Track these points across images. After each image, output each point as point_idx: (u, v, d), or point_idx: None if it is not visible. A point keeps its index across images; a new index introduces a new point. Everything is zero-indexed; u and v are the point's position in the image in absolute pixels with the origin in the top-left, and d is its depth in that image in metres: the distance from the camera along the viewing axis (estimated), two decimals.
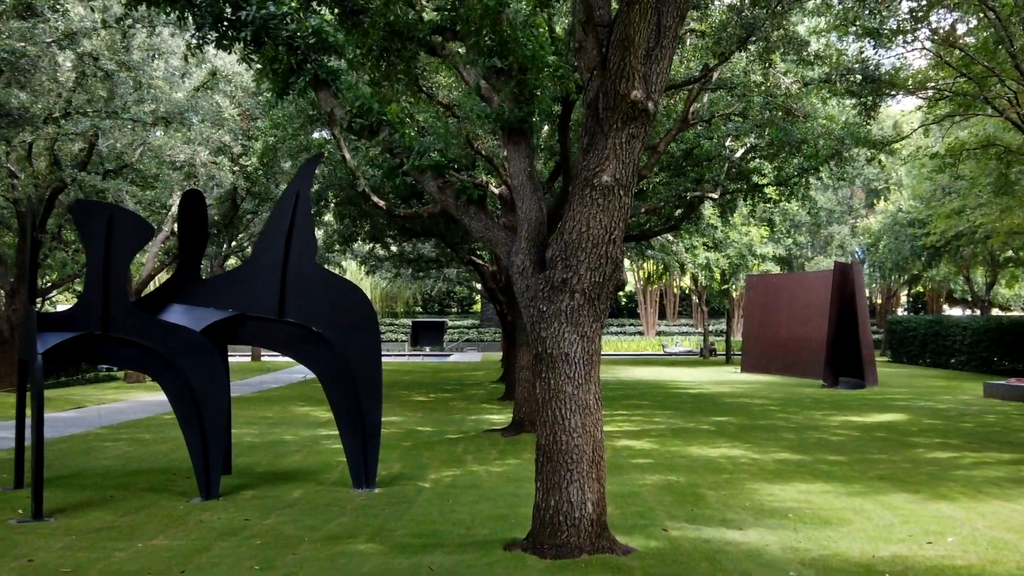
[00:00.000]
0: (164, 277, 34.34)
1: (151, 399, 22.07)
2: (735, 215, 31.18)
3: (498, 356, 39.64)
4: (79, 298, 10.42)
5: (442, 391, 25.73)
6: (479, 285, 39.08)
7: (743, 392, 24.95)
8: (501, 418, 17.96)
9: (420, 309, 69.68)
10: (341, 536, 8.24)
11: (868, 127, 19.04)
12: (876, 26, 16.84)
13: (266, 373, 34.04)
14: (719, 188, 18.38)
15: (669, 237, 32.81)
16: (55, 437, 15.14)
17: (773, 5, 12.04)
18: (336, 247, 29.78)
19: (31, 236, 11.84)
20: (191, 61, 22.58)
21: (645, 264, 45.90)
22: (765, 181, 21.13)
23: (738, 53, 14.59)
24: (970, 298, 48.76)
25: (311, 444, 14.48)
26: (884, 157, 22.10)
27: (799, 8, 14.36)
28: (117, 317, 10.02)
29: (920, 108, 22.86)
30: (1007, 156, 22.09)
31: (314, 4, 9.31)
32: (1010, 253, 39.01)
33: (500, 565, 7.12)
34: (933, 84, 20.36)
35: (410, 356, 50.06)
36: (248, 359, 44.76)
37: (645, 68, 6.81)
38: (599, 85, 6.86)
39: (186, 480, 10.93)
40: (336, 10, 9.16)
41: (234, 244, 36.60)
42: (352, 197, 22.15)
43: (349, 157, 13.02)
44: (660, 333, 61.33)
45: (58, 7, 17.64)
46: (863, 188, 46.04)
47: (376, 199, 15.16)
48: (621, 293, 61.82)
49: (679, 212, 22.51)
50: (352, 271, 51.74)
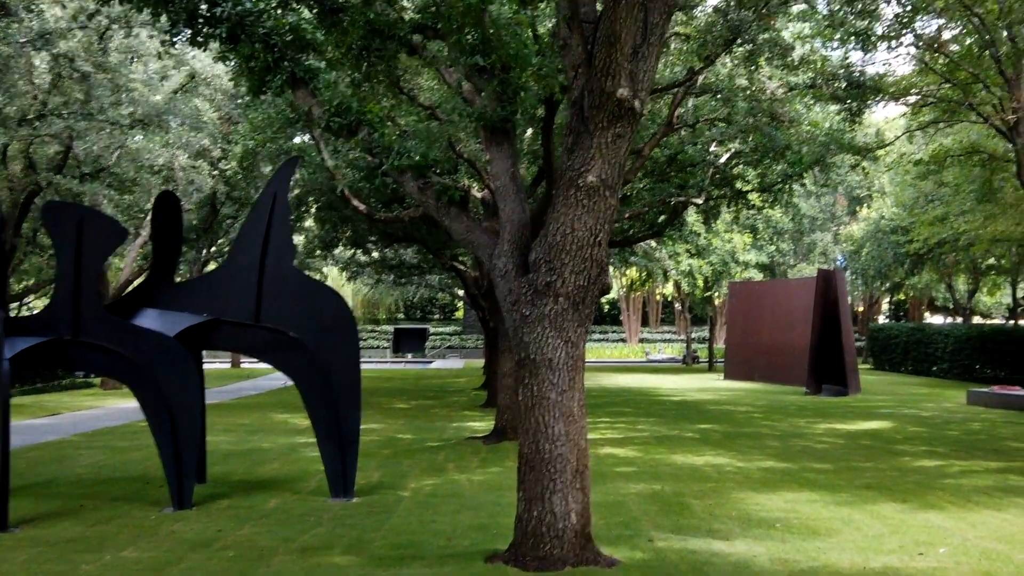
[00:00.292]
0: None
1: (127, 406, 21.69)
2: (718, 222, 31.12)
3: (480, 363, 39.35)
4: (49, 302, 10.12)
5: (423, 398, 25.46)
6: (461, 291, 38.83)
7: (726, 399, 24.80)
8: (483, 425, 17.73)
9: (402, 316, 69.35)
10: (317, 547, 7.99)
11: (852, 133, 18.96)
12: (863, 28, 16.74)
13: (245, 380, 33.66)
14: (703, 193, 18.23)
15: (652, 243, 32.74)
16: (28, 444, 14.81)
17: (760, 6, 11.90)
18: (317, 252, 29.49)
19: (0, 240, 11.56)
20: (166, 60, 22.26)
21: (628, 271, 45.78)
22: (749, 187, 21.03)
23: (723, 57, 14.45)
24: (952, 306, 48.90)
25: (289, 452, 14.21)
26: (868, 164, 22.07)
27: (785, 11, 14.24)
28: (88, 322, 9.74)
29: (904, 115, 22.82)
30: (991, 163, 22.07)
31: (293, 3, 9.09)
32: (992, 261, 39.12)
33: None
34: (917, 90, 20.30)
35: (392, 363, 49.76)
36: (228, 365, 44.32)
37: (632, 66, 6.63)
38: (584, 83, 6.67)
39: (159, 489, 10.63)
40: (315, 8, 8.95)
41: (214, 249, 36.21)
42: (333, 202, 21.87)
43: (328, 157, 12.77)
44: (643, 340, 61.18)
45: (33, 7, 17.34)
46: (845, 195, 46.07)
47: (356, 203, 14.92)
48: (604, 300, 61.69)
49: (663, 218, 22.37)
50: (333, 277, 51.40)
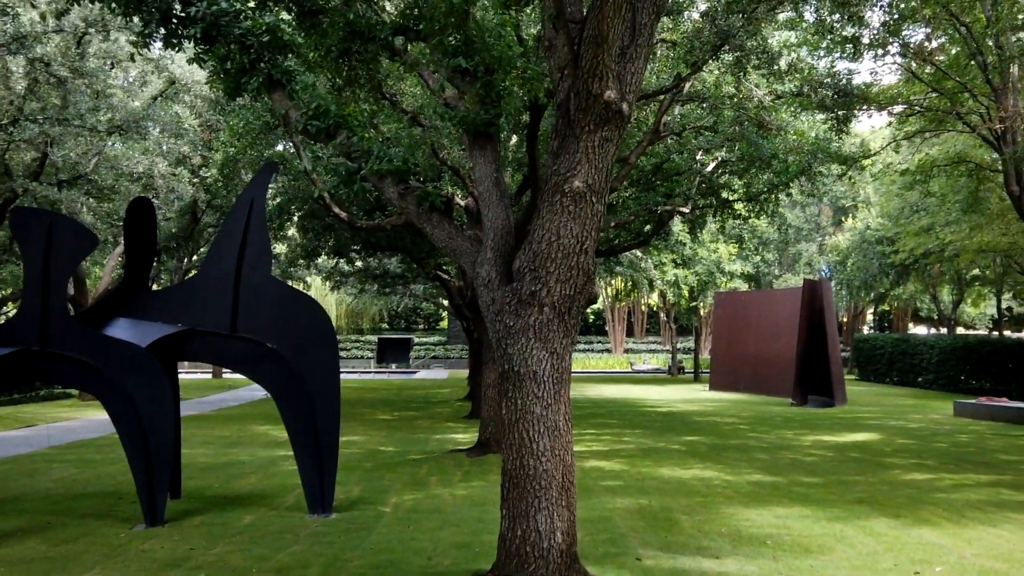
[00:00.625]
0: None
1: (105, 418, 21.26)
2: (704, 232, 30.99)
3: (465, 373, 39.09)
4: (16, 311, 9.78)
5: (407, 409, 25.14)
6: (446, 301, 38.55)
7: (712, 410, 24.58)
8: (467, 437, 17.44)
9: (386, 326, 68.98)
10: (292, 567, 7.68)
11: (839, 142, 18.83)
12: (852, 34, 16.61)
13: (227, 391, 33.23)
14: (690, 202, 18.04)
15: (638, 253, 32.57)
16: None
17: (750, 11, 11.69)
18: (300, 262, 29.15)
19: None
20: (145, 65, 21.91)
21: (613, 281, 45.61)
22: (735, 197, 20.87)
23: (710, 63, 14.26)
24: (936, 316, 48.92)
25: (268, 465, 13.87)
26: (854, 173, 21.95)
27: (773, 18, 14.05)
28: (56, 331, 9.42)
29: (890, 124, 22.73)
30: (978, 172, 21.99)
31: (270, 4, 8.82)
32: (976, 271, 39.15)
33: None
34: (904, 100, 20.20)
35: (376, 373, 49.41)
36: (209, 376, 43.86)
37: (619, 67, 6.39)
38: (570, 85, 6.43)
39: (131, 505, 10.30)
40: (294, 10, 8.69)
41: (195, 259, 35.79)
42: (315, 210, 21.58)
43: (306, 161, 12.47)
44: (628, 351, 61.01)
45: (8, 10, 16.99)
46: (831, 206, 46.09)
47: (337, 210, 14.63)
48: (589, 310, 61.47)
49: (648, 228, 22.18)
50: (316, 287, 51.04)
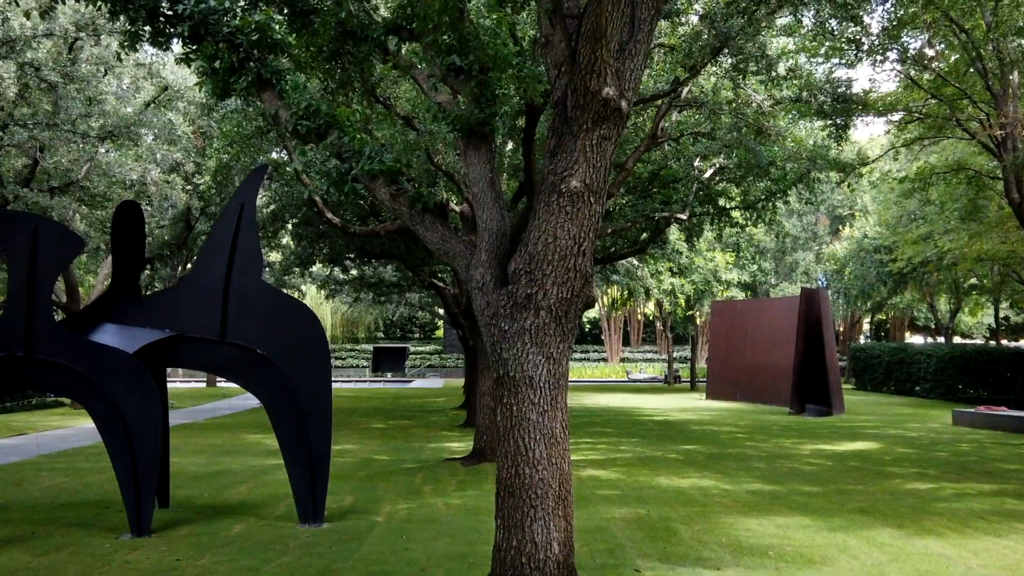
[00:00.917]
0: None
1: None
2: (700, 240, 30.86)
3: (461, 382, 38.89)
4: (0, 317, 9.55)
5: (402, 418, 24.91)
6: (441, 310, 38.37)
7: (710, 419, 24.39)
8: (461, 446, 17.22)
9: (382, 334, 68.71)
10: None
11: (839, 150, 18.70)
12: (855, 34, 16.47)
13: (220, 399, 32.97)
14: (688, 209, 17.87)
15: (634, 262, 32.41)
16: None
17: (751, 11, 11.52)
18: (295, 270, 28.93)
19: None
20: (137, 70, 21.71)
21: (610, 289, 45.44)
22: (732, 205, 20.72)
23: (709, 68, 14.11)
24: (933, 326, 48.79)
25: (259, 474, 13.65)
26: (852, 181, 21.81)
27: (773, 22, 13.87)
28: (42, 337, 9.20)
29: (889, 131, 22.61)
30: (977, 180, 21.84)
31: (261, 3, 8.64)
32: (974, 280, 39.01)
33: None
34: (904, 106, 20.06)
35: (371, 382, 49.19)
36: (203, 384, 43.59)
37: (618, 64, 6.21)
38: (567, 82, 6.25)
39: (118, 514, 10.07)
40: (285, 10, 8.51)
41: (189, 267, 35.55)
42: (309, 217, 21.40)
43: (297, 162, 12.28)
44: (624, 359, 60.82)
45: None
46: (827, 215, 45.99)
47: (330, 215, 14.44)
48: (585, 319, 61.35)
49: (645, 235, 22.02)
50: (312, 295, 50.85)
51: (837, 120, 17.93)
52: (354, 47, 8.39)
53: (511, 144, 16.72)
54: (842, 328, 54.71)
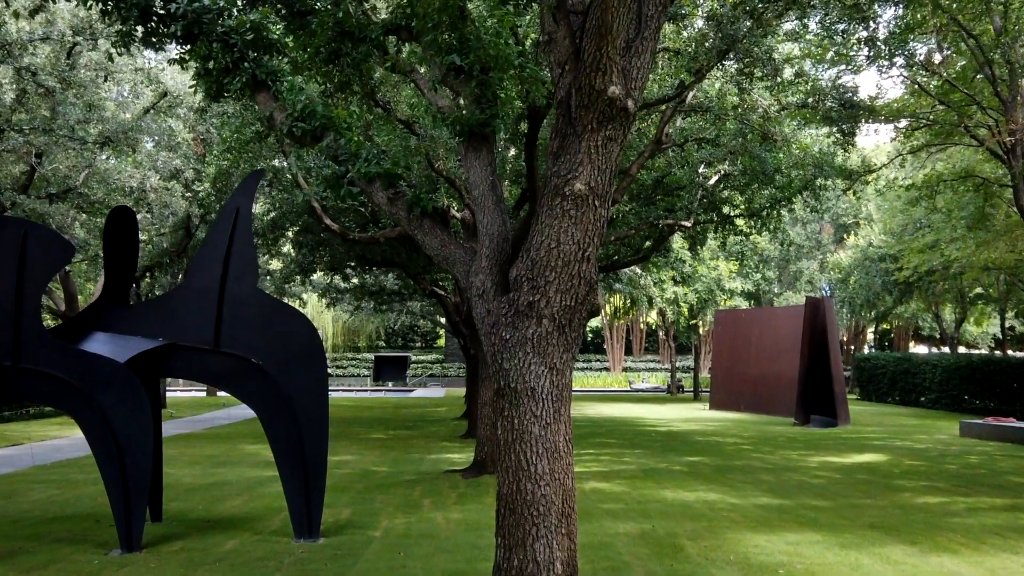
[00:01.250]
0: None
1: None
2: (704, 249, 30.61)
3: (462, 392, 38.62)
4: None
5: (402, 428, 24.63)
6: (443, 319, 38.10)
7: (714, 430, 24.09)
8: (462, 457, 16.94)
9: (383, 343, 68.46)
10: None
11: (847, 155, 18.47)
12: (864, 35, 16.23)
13: (219, 409, 32.68)
14: (692, 216, 17.61)
15: (637, 270, 32.17)
16: None
17: (759, 12, 11.26)
18: (295, 278, 28.67)
19: None
20: (131, 71, 21.46)
21: (612, 298, 45.18)
22: (736, 212, 20.48)
23: (714, 72, 13.86)
24: (939, 335, 48.47)
25: (255, 486, 13.38)
26: (858, 188, 21.56)
27: (780, 24, 13.59)
28: (30, 346, 8.95)
29: (895, 139, 22.35)
30: (985, 187, 21.57)
31: (258, 3, 8.40)
32: (979, 290, 38.71)
33: None
34: (911, 112, 19.80)
35: (372, 391, 48.93)
36: (203, 394, 43.33)
37: (624, 62, 5.96)
38: (571, 81, 6.00)
39: (109, 529, 9.80)
40: (282, 10, 8.28)
41: None
42: (309, 225, 21.15)
43: (293, 164, 12.03)
44: (627, 369, 60.51)
45: None
46: (832, 223, 45.71)
47: (328, 221, 14.19)
48: (587, 328, 61.03)
49: (648, 243, 21.77)
50: (312, 304, 50.62)
51: (843, 126, 17.71)
52: (352, 48, 8.16)
53: (513, 150, 16.48)
54: (846, 338, 54.40)
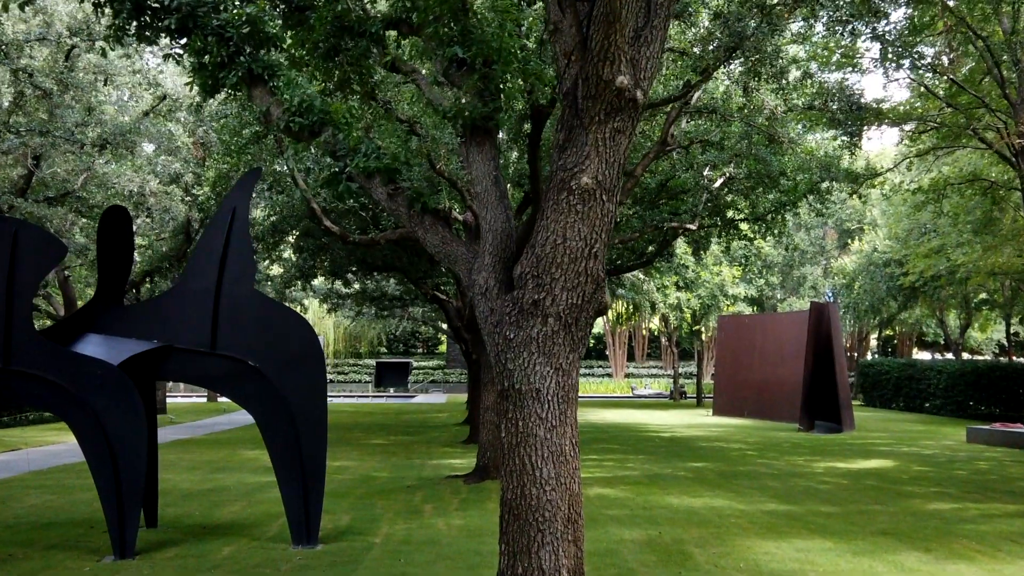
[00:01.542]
0: None
1: None
2: (707, 254, 30.42)
3: (464, 397, 38.39)
4: None
5: (403, 433, 24.40)
6: (444, 325, 37.91)
7: (717, 436, 23.86)
8: (464, 462, 16.71)
9: (384, 349, 68.26)
10: None
11: (853, 159, 18.29)
12: (871, 35, 16.03)
13: (220, 414, 32.47)
14: (697, 220, 17.41)
15: (640, 275, 31.97)
16: None
17: (768, 8, 11.04)
18: (296, 282, 28.46)
19: None
20: (130, 74, 21.28)
21: (615, 303, 44.97)
22: (740, 216, 20.30)
23: (720, 72, 13.66)
24: (943, 341, 48.20)
25: (254, 492, 13.15)
26: (864, 192, 21.37)
27: (788, 22, 13.34)
28: (21, 348, 8.73)
29: (902, 141, 22.15)
30: (993, 191, 21.35)
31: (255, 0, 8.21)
32: (984, 295, 38.44)
33: None
34: (919, 115, 19.59)
35: (373, 397, 48.73)
36: (204, 399, 43.12)
37: (633, 51, 5.75)
38: (578, 71, 5.79)
39: (102, 535, 9.57)
40: (280, 6, 8.09)
41: None
42: (311, 229, 20.95)
43: (290, 159, 11.82)
44: (629, 375, 60.26)
45: None
46: (835, 228, 45.51)
47: (328, 223, 13.99)
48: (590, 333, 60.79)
49: (652, 248, 21.58)
50: (314, 309, 50.44)
51: (850, 129, 17.53)
52: (351, 43, 7.96)
53: (515, 153, 16.28)
54: (849, 344, 54.14)
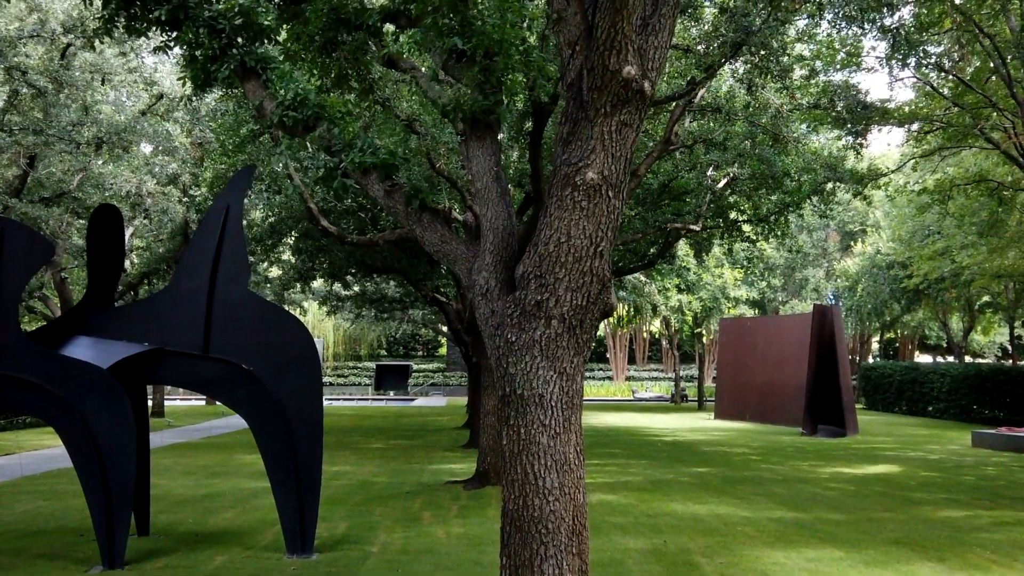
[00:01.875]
0: None
1: None
2: (709, 256, 30.18)
3: (464, 400, 38.12)
4: None
5: (402, 437, 24.13)
6: (445, 327, 37.62)
7: (720, 440, 23.59)
8: (464, 467, 16.43)
9: (384, 352, 67.99)
10: None
11: (859, 157, 18.03)
12: (880, 29, 15.77)
13: (219, 418, 32.20)
14: (701, 220, 17.14)
15: (641, 277, 31.72)
16: None
17: (777, 2, 10.74)
18: (295, 285, 28.20)
19: None
20: (126, 73, 21.01)
21: (616, 306, 44.75)
22: (743, 218, 20.05)
23: (725, 70, 13.40)
24: (946, 344, 47.93)
25: (249, 498, 12.89)
26: (869, 193, 21.12)
27: (800, 12, 13.02)
28: (6, 350, 8.47)
29: (907, 142, 21.89)
30: (999, 191, 21.09)
31: None
32: (987, 298, 38.19)
33: None
34: (925, 114, 19.33)
35: (373, 400, 48.47)
36: (203, 403, 42.86)
37: (640, 40, 5.50)
38: (583, 61, 5.52)
39: (92, 543, 9.27)
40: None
41: None
42: (309, 230, 20.69)
43: (284, 155, 11.55)
44: (630, 378, 59.99)
45: None
46: (838, 231, 45.27)
47: (325, 223, 13.73)
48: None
49: (654, 249, 21.32)
50: (313, 312, 50.21)
51: (855, 129, 17.29)
52: (348, 35, 7.70)
53: (516, 152, 16.00)
54: (851, 347, 53.87)
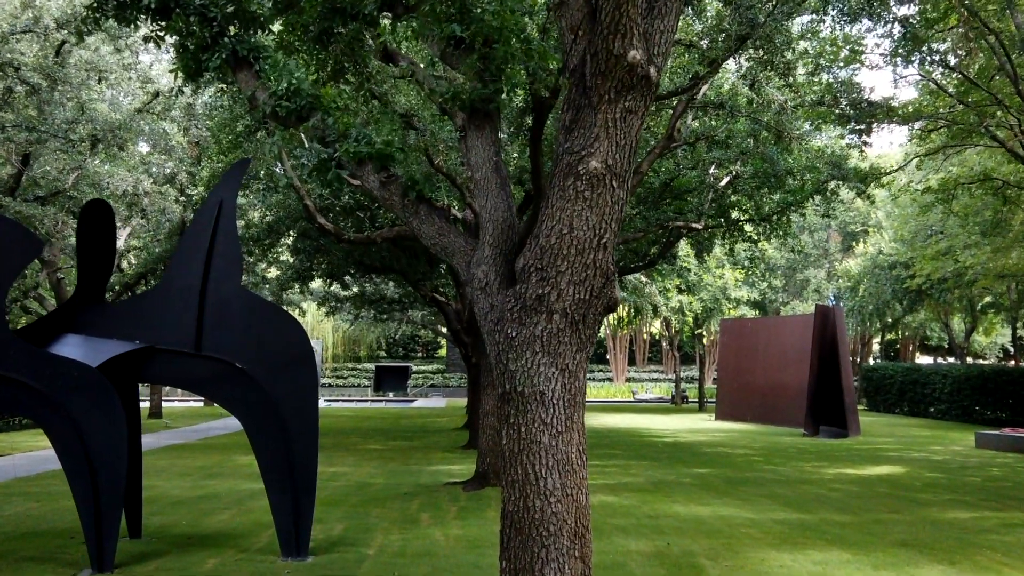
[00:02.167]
0: None
1: None
2: (709, 256, 29.99)
3: (463, 402, 37.92)
4: None
5: (401, 438, 23.92)
6: (444, 328, 37.43)
7: (721, 441, 23.40)
8: (463, 468, 16.23)
9: (384, 353, 67.76)
10: None
11: (863, 156, 17.86)
12: (886, 23, 15.60)
13: (217, 419, 31.97)
14: (703, 219, 16.94)
15: (642, 278, 31.53)
16: None
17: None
18: (293, 285, 27.99)
19: None
20: (122, 70, 20.81)
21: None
22: (745, 217, 19.86)
23: (728, 66, 13.21)
24: (947, 345, 47.74)
25: (245, 500, 12.71)
26: (872, 192, 20.94)
27: (804, 5, 12.79)
28: None
29: (911, 140, 21.69)
30: (1004, 189, 20.89)
31: None
32: (989, 299, 37.99)
33: None
34: (929, 112, 19.12)
35: (372, 401, 48.27)
36: (201, 403, 42.64)
37: (646, 23, 5.29)
38: (586, 46, 5.32)
39: (82, 546, 9.07)
40: None
41: None
42: (307, 230, 20.51)
43: (276, 146, 11.33)
44: (630, 379, 59.77)
45: None
46: (839, 231, 45.08)
47: (322, 220, 13.53)
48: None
49: (655, 249, 21.14)
50: (312, 313, 50.01)
51: (859, 127, 17.12)
52: (344, 25, 7.50)
53: (516, 149, 15.80)
54: (852, 347, 53.67)
